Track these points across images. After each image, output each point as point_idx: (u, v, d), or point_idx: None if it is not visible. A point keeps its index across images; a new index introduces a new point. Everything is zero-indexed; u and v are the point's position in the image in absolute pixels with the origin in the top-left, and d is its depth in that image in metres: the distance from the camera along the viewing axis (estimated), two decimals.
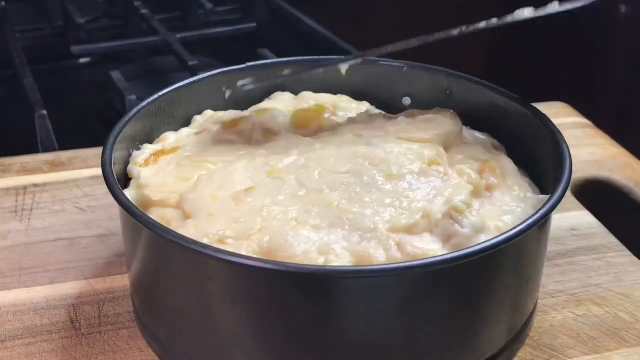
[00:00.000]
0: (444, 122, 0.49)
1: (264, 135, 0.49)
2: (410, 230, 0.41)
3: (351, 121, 0.50)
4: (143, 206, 0.44)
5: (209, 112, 0.52)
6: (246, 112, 0.52)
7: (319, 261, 0.39)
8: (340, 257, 0.39)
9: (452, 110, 0.50)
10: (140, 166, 0.47)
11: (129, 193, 0.45)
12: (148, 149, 0.48)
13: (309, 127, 0.50)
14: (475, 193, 0.44)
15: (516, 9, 0.45)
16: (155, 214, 0.43)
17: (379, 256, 0.39)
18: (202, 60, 0.78)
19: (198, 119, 0.52)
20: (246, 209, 0.42)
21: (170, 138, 0.50)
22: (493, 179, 0.45)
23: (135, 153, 0.48)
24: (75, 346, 0.45)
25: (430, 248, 0.40)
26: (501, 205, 0.44)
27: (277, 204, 0.42)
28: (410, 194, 0.43)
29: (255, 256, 0.39)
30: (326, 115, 0.51)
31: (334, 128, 0.50)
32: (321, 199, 0.42)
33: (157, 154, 0.48)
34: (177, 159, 0.47)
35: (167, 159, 0.48)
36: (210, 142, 0.49)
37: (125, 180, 0.47)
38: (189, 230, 0.41)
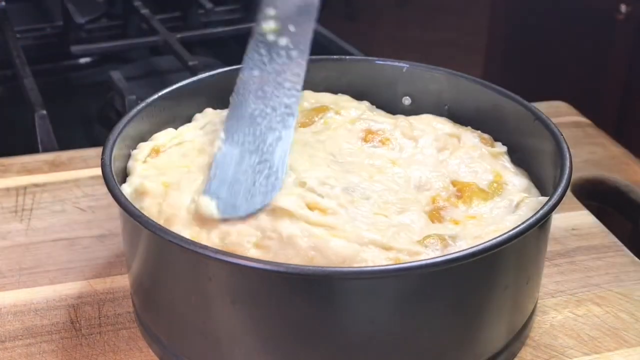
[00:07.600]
0: (436, 128, 0.49)
1: None
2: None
3: (345, 127, 0.50)
4: (139, 197, 0.44)
5: (209, 110, 0.52)
6: None
7: None
8: None
9: (444, 118, 0.51)
10: (143, 162, 0.47)
11: (126, 189, 0.45)
12: (147, 147, 0.48)
13: (312, 125, 0.51)
14: (466, 204, 0.44)
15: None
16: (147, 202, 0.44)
17: None
18: (202, 60, 0.78)
19: (199, 117, 0.52)
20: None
21: (169, 135, 0.50)
22: (490, 190, 0.46)
23: (135, 151, 0.48)
24: (75, 347, 0.45)
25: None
26: (500, 210, 0.44)
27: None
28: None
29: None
30: (329, 114, 0.51)
31: (335, 129, 0.50)
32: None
33: (157, 150, 0.48)
34: (178, 152, 0.48)
35: (166, 153, 0.48)
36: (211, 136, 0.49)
37: (125, 179, 0.47)
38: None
